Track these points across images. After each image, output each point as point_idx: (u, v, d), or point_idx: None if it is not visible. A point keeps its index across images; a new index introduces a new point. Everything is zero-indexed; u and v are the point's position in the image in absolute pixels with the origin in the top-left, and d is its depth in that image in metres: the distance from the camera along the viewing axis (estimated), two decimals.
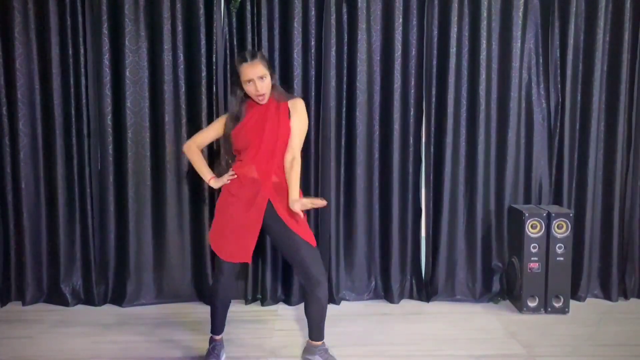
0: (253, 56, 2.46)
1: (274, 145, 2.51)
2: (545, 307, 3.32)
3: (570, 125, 3.48)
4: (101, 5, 3.23)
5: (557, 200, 3.55)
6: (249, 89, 2.47)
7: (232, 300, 3.42)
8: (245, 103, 2.57)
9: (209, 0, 3.26)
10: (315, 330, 2.61)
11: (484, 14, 3.34)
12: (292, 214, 2.46)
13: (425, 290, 3.54)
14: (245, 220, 2.48)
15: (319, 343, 2.63)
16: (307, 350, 2.67)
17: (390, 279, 3.49)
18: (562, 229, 3.27)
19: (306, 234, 2.51)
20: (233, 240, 2.48)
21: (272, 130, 2.51)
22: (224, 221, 2.51)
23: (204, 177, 2.67)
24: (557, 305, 3.32)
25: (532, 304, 3.32)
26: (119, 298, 3.44)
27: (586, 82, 3.45)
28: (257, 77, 2.44)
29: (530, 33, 3.45)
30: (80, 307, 3.42)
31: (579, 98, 3.48)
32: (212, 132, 2.69)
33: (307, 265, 2.48)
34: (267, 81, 2.48)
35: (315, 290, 2.49)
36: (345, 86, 3.41)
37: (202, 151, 2.74)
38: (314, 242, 2.52)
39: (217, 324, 2.68)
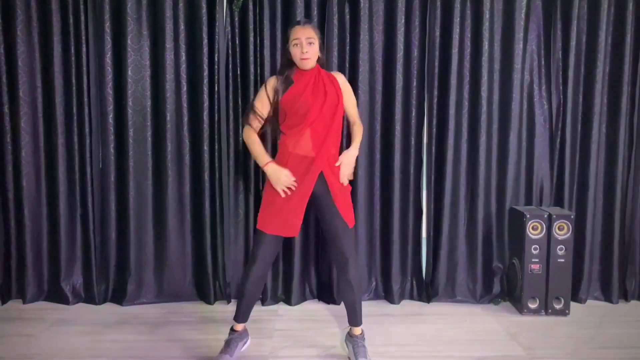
0: (307, 22, 2.56)
1: (334, 110, 2.55)
2: (545, 308, 3.32)
3: (571, 127, 3.48)
4: (103, 4, 3.23)
5: (558, 201, 3.55)
6: (295, 50, 2.50)
7: (232, 300, 3.47)
8: (293, 70, 2.57)
9: (211, 0, 3.26)
10: (351, 314, 2.67)
11: (486, 15, 3.34)
12: (341, 189, 2.56)
13: (426, 291, 3.54)
14: (294, 195, 2.50)
15: (357, 331, 2.68)
16: (346, 337, 2.72)
17: (391, 279, 3.49)
18: (563, 231, 3.27)
19: (347, 213, 2.57)
20: (281, 216, 2.50)
21: (333, 96, 2.56)
22: (272, 199, 2.53)
23: (259, 162, 2.57)
24: (557, 307, 3.32)
25: (532, 305, 3.32)
26: (119, 297, 3.44)
27: (588, 84, 3.45)
28: (305, 38, 2.47)
29: (532, 35, 3.45)
30: (81, 306, 3.42)
31: (580, 100, 3.48)
32: (264, 108, 2.60)
33: (339, 243, 2.55)
34: (315, 48, 2.52)
35: (344, 270, 2.56)
36: None
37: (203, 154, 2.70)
38: (352, 223, 2.60)
39: (241, 312, 2.64)
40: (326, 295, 3.49)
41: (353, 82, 3.37)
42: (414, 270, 3.56)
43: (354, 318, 2.67)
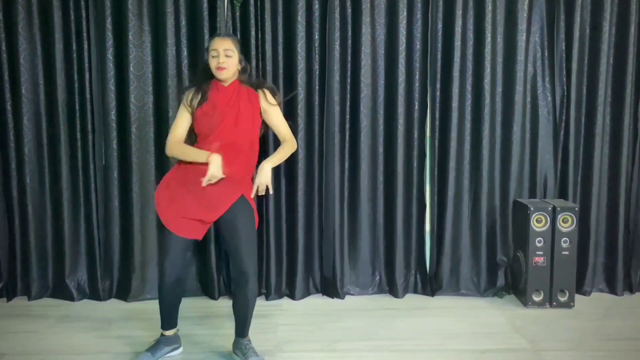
0: (227, 35, 2.49)
1: (247, 134, 2.51)
2: (550, 301, 3.31)
3: (575, 118, 3.47)
4: (104, 0, 3.23)
5: (562, 194, 3.53)
6: (212, 62, 2.45)
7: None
8: (210, 84, 2.51)
9: None
10: (240, 326, 2.61)
11: (489, 7, 3.32)
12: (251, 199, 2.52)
13: (430, 285, 3.54)
14: (206, 206, 2.45)
15: (244, 339, 2.62)
16: (234, 345, 2.66)
17: (395, 273, 3.49)
18: (567, 223, 3.26)
19: (254, 217, 2.55)
20: (189, 218, 2.46)
21: (247, 119, 2.51)
22: (179, 196, 2.47)
23: (201, 158, 2.42)
24: (562, 299, 3.31)
25: (537, 298, 3.32)
26: (123, 293, 3.45)
27: (592, 76, 3.43)
28: (223, 50, 2.43)
29: (536, 26, 3.42)
30: (86, 302, 3.43)
31: (584, 91, 3.46)
32: (184, 121, 2.52)
33: (246, 258, 2.48)
34: (233, 61, 2.46)
35: (244, 286, 2.50)
36: (349, 80, 3.40)
37: None
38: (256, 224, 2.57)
39: (164, 318, 2.63)
40: (330, 289, 3.49)
41: (355, 76, 3.38)
42: (418, 264, 3.56)
43: (243, 330, 2.61)
